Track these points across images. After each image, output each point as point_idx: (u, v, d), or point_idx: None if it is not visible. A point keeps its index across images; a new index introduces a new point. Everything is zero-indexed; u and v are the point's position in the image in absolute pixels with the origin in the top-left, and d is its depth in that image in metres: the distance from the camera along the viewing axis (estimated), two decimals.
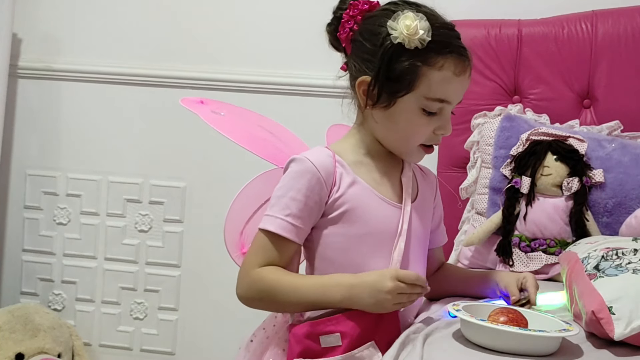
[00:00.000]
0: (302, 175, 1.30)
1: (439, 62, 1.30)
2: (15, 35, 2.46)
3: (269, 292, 1.30)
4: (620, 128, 1.96)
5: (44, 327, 2.24)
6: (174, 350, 2.45)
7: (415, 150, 1.37)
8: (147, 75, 2.41)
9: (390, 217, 1.34)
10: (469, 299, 1.48)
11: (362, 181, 1.34)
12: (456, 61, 1.31)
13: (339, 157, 1.34)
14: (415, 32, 1.27)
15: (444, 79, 1.30)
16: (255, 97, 2.35)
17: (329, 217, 1.32)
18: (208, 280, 2.41)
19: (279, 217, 1.30)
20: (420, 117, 1.32)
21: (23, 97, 2.50)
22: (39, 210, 2.51)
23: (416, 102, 1.31)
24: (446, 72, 1.30)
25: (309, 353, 1.26)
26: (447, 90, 1.31)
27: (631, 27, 2.00)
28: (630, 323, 1.15)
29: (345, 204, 1.32)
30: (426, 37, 1.28)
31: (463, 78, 1.33)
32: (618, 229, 1.77)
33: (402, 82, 1.30)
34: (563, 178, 1.83)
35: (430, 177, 1.50)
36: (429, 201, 1.47)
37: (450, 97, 1.32)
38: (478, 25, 2.08)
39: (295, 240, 1.31)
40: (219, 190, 2.39)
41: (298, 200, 1.30)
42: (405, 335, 1.23)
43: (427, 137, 1.35)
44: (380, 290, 1.22)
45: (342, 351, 1.24)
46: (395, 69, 1.30)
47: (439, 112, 1.33)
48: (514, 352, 1.13)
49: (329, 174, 1.31)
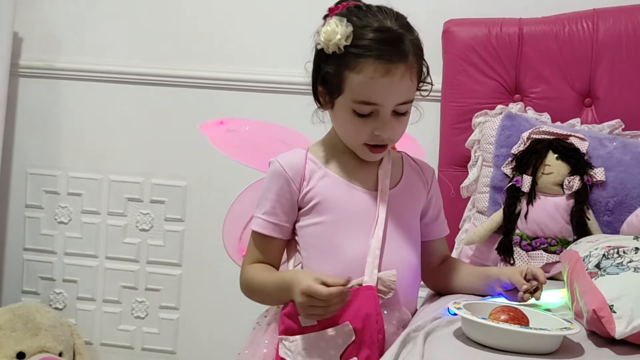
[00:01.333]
0: (272, 176, 1.43)
1: (358, 65, 1.33)
2: (16, 34, 2.46)
3: (252, 289, 1.44)
4: (622, 127, 1.96)
5: (45, 325, 2.24)
6: (175, 349, 2.46)
7: (361, 149, 1.42)
8: (148, 74, 2.41)
9: (364, 203, 1.42)
10: (472, 295, 1.49)
11: (333, 173, 1.43)
12: (376, 64, 1.32)
13: (311, 155, 1.44)
14: (332, 38, 1.33)
15: (364, 82, 1.33)
16: (255, 96, 2.35)
17: (303, 209, 1.42)
18: (209, 279, 2.41)
19: (258, 217, 1.43)
20: (354, 118, 1.37)
21: (24, 96, 2.50)
22: (40, 209, 2.51)
23: (347, 104, 1.36)
24: (365, 75, 1.33)
25: (289, 331, 1.34)
26: (371, 93, 1.33)
27: (632, 26, 1.99)
28: (631, 321, 1.15)
29: (317, 196, 1.41)
30: (343, 43, 1.33)
31: (388, 80, 1.33)
32: (619, 227, 1.77)
33: (332, 86, 1.37)
34: (564, 177, 1.83)
35: (426, 170, 1.54)
36: (418, 190, 1.50)
37: (376, 100, 1.34)
38: (479, 23, 2.08)
39: (275, 235, 1.43)
40: (219, 189, 2.39)
41: (270, 199, 1.42)
42: (406, 333, 1.23)
43: (367, 138, 1.39)
44: (295, 299, 1.30)
45: (318, 329, 1.32)
46: (324, 74, 1.38)
47: (374, 114, 1.36)
48: (515, 351, 1.13)
49: (297, 172, 1.41)
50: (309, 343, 1.32)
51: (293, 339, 1.33)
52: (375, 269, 1.36)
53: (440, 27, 2.10)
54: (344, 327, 1.30)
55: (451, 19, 2.11)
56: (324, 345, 1.31)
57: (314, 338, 1.32)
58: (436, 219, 1.54)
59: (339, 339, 1.31)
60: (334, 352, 1.31)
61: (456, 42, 2.08)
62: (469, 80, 2.06)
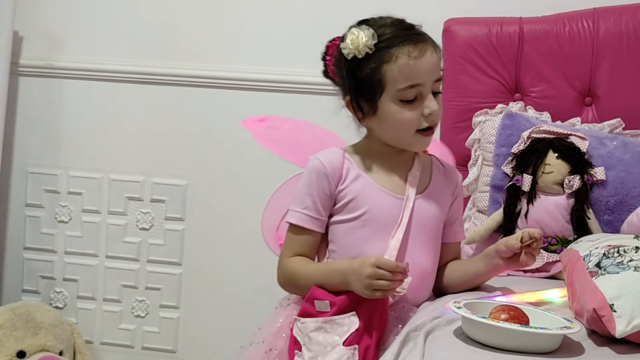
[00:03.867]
0: (312, 172, 1.50)
1: (392, 55, 1.43)
2: (17, 33, 2.46)
3: (292, 280, 1.50)
4: (622, 126, 1.96)
5: (45, 324, 2.24)
6: (176, 348, 2.46)
7: (414, 139, 1.48)
8: (149, 73, 2.41)
9: (391, 206, 1.48)
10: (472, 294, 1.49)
11: (366, 175, 1.50)
12: (407, 47, 1.43)
13: (348, 155, 1.52)
14: (360, 42, 1.43)
15: (403, 67, 1.42)
16: (256, 95, 2.35)
17: (337, 205, 1.50)
18: (209, 278, 2.41)
19: (297, 211, 1.50)
20: (401, 108, 1.45)
21: (24, 95, 2.50)
22: (40, 208, 2.51)
23: (392, 97, 1.44)
24: (402, 60, 1.42)
25: (305, 314, 1.44)
26: (412, 75, 1.43)
27: (633, 25, 1.99)
28: (631, 320, 1.15)
29: (350, 194, 1.49)
30: (371, 42, 1.43)
31: (424, 58, 1.43)
32: (619, 226, 1.77)
33: (372, 87, 1.45)
34: (564, 176, 1.83)
35: (453, 175, 1.60)
36: (444, 195, 1.56)
37: (418, 79, 1.43)
38: (479, 22, 2.08)
39: (315, 229, 1.50)
40: (220, 188, 2.39)
41: (311, 194, 1.49)
42: (406, 332, 1.24)
43: (418, 123, 1.46)
44: (361, 275, 1.35)
45: (328, 316, 1.41)
46: (361, 80, 1.46)
47: (418, 97, 1.44)
48: (515, 350, 1.13)
49: (335, 169, 1.49)
50: (317, 326, 1.41)
51: (304, 320, 1.43)
52: None
53: (441, 26, 2.10)
54: (350, 317, 1.39)
55: (451, 18, 2.11)
56: (330, 330, 1.40)
57: (321, 322, 1.41)
58: (452, 224, 1.59)
59: (344, 326, 1.39)
60: (338, 338, 1.39)
61: (456, 41, 2.08)
62: (469, 80, 2.06)
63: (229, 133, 2.36)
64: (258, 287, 2.36)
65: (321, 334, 1.41)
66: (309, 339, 1.41)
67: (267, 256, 2.34)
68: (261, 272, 2.36)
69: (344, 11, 2.28)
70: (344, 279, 1.39)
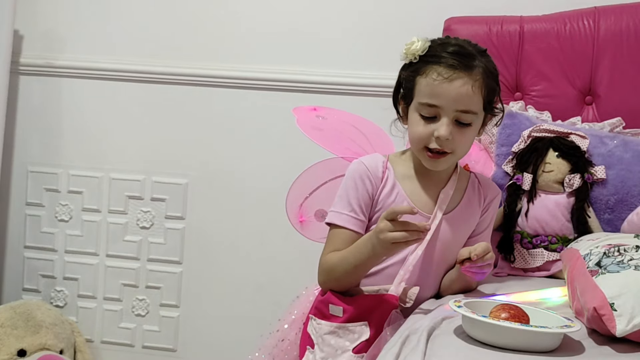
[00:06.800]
0: (354, 174, 1.56)
1: (427, 70, 1.49)
2: (17, 32, 2.46)
3: (331, 271, 1.52)
4: (622, 125, 1.96)
5: (45, 323, 2.24)
6: (176, 347, 2.46)
7: (422, 154, 1.54)
8: (149, 72, 2.41)
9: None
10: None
11: (400, 187, 1.56)
12: (440, 69, 1.47)
13: (389, 164, 1.59)
14: (410, 47, 1.50)
15: (429, 84, 1.48)
16: (256, 94, 2.35)
17: (372, 210, 1.56)
18: (210, 277, 2.41)
19: (338, 212, 1.55)
20: (419, 121, 1.51)
21: (24, 94, 2.50)
22: (41, 207, 2.51)
23: (416, 109, 1.52)
24: (430, 78, 1.48)
25: (319, 314, 1.53)
26: (433, 94, 1.48)
27: (633, 24, 1.99)
28: (632, 319, 1.15)
29: (380, 203, 1.55)
30: (419, 52, 1.50)
31: (449, 84, 1.46)
32: (620, 225, 1.77)
33: (406, 94, 1.55)
34: (565, 175, 1.83)
35: (488, 190, 1.65)
36: (472, 213, 1.61)
37: (437, 101, 1.48)
38: (480, 21, 2.08)
39: (354, 229, 1.54)
40: (220, 187, 2.39)
41: (355, 197, 1.54)
42: (406, 334, 1.23)
43: (427, 140, 1.51)
44: (377, 232, 1.40)
45: (340, 322, 1.49)
46: (401, 81, 1.56)
47: (437, 118, 1.49)
48: (516, 348, 1.13)
49: (377, 174, 1.56)
50: (331, 330, 1.49)
51: (319, 321, 1.51)
52: (403, 282, 1.49)
53: (441, 25, 2.09)
54: (362, 325, 1.47)
55: (452, 17, 2.11)
56: (342, 336, 1.48)
57: (335, 327, 1.49)
58: (479, 234, 1.62)
59: (355, 334, 1.47)
60: (349, 344, 1.47)
61: None
62: None
63: (230, 132, 2.36)
64: (258, 285, 2.36)
65: (334, 338, 1.48)
66: (322, 340, 1.49)
67: (267, 255, 2.36)
68: (261, 270, 2.37)
69: (344, 10, 2.29)
70: (371, 244, 1.42)
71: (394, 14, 2.22)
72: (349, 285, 1.52)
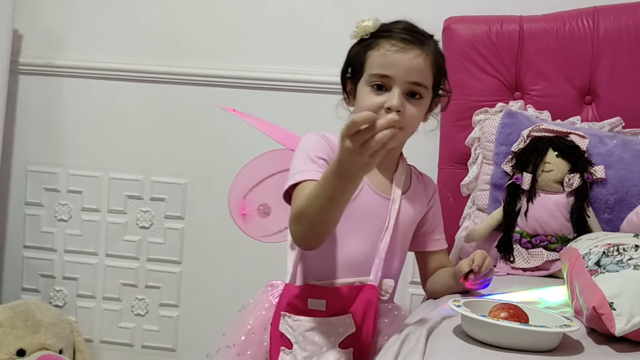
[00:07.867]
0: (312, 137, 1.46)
1: (379, 43, 1.47)
2: (16, 32, 2.46)
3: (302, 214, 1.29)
4: (622, 124, 1.96)
5: (45, 323, 2.24)
6: (175, 347, 2.46)
7: None
8: (149, 71, 2.41)
9: (376, 207, 1.49)
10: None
11: None
12: (393, 41, 1.46)
13: None
14: (362, 24, 1.49)
15: (382, 54, 1.45)
16: (256, 94, 2.35)
17: None
18: (209, 277, 2.41)
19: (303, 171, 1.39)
20: (369, 93, 1.46)
21: (24, 94, 2.50)
22: (40, 207, 2.51)
23: (366, 82, 1.47)
24: (384, 49, 1.46)
25: (293, 310, 1.42)
26: (385, 64, 1.44)
27: (633, 23, 1.99)
28: (631, 319, 1.15)
29: None
30: (370, 29, 1.48)
31: (401, 55, 1.44)
32: (619, 225, 1.77)
33: (356, 69, 1.50)
34: (564, 174, 1.83)
35: (429, 184, 1.63)
36: (421, 202, 1.59)
37: (389, 71, 1.44)
38: (479, 21, 2.08)
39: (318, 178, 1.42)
40: (219, 187, 2.38)
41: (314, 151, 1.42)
42: (406, 331, 1.23)
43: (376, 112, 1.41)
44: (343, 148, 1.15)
45: (324, 316, 1.41)
46: (350, 61, 1.53)
47: (388, 89, 1.44)
48: (515, 348, 1.13)
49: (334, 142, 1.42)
50: (313, 326, 1.40)
51: (297, 318, 1.41)
52: (379, 271, 1.44)
53: (441, 25, 2.09)
54: (346, 319, 1.39)
55: (451, 16, 2.11)
56: (326, 331, 1.39)
57: (318, 322, 1.40)
58: (431, 233, 1.62)
59: (340, 328, 1.39)
60: (334, 339, 1.39)
61: (456, 39, 2.08)
62: (469, 78, 2.06)
63: (229, 131, 2.36)
64: (257, 285, 2.35)
65: (317, 334, 1.39)
66: (304, 337, 1.40)
67: (267, 254, 2.36)
68: (261, 270, 2.36)
69: (344, 10, 2.29)
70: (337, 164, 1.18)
71: (394, 13, 2.22)
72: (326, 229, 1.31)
